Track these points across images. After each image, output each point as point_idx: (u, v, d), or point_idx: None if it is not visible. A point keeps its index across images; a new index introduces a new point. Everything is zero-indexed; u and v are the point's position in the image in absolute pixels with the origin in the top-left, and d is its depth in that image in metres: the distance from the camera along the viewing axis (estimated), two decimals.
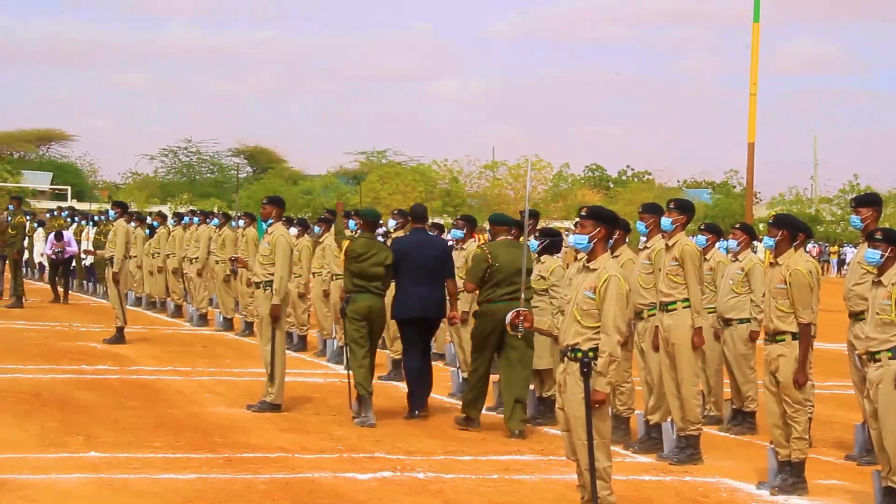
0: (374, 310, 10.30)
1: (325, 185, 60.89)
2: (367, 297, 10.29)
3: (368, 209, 11.30)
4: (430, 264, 10.49)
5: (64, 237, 21.65)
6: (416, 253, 10.45)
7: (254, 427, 9.76)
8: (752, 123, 28.09)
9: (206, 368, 13.24)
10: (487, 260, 9.89)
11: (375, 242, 10.51)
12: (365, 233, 10.59)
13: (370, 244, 10.41)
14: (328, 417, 10.38)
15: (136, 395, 11.16)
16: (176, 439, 9.06)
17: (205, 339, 16.19)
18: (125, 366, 13.19)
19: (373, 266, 10.31)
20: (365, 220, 10.74)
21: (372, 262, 10.31)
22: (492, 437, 9.74)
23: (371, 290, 10.32)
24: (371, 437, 9.50)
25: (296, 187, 58.64)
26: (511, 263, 9.78)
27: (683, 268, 8.89)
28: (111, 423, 9.59)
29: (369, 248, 10.38)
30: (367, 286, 10.30)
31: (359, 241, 10.48)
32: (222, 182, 67.51)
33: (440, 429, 10.03)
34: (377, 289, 10.36)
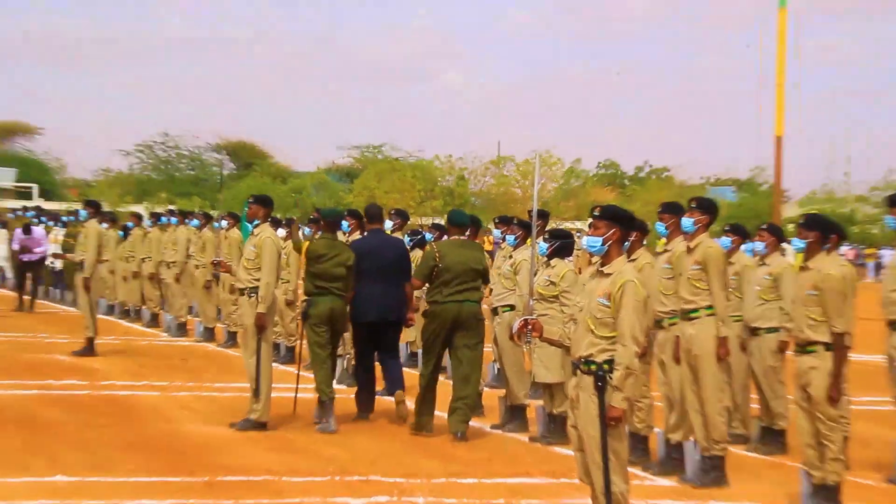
0: (335, 312, 10.87)
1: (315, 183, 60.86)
2: (328, 299, 10.84)
3: (329, 209, 11.94)
4: (388, 266, 11.07)
5: (34, 233, 21.57)
6: (374, 255, 11.04)
7: (237, 447, 9.73)
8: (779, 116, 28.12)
9: (184, 383, 13.21)
10: (435, 259, 10.44)
11: (337, 243, 11.11)
12: (325, 233, 11.14)
13: (331, 244, 11.00)
14: (318, 436, 10.35)
15: (107, 412, 11.12)
16: (150, 461, 9.02)
17: (183, 351, 16.16)
18: (95, 380, 13.16)
19: (334, 267, 10.87)
20: (325, 220, 11.28)
21: (333, 262, 10.88)
22: (497, 457, 9.70)
23: (333, 291, 10.88)
24: (365, 458, 9.46)
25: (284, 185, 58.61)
26: (460, 264, 10.40)
27: (707, 272, 8.86)
28: (79, 444, 9.55)
29: (330, 248, 10.96)
30: (328, 287, 10.86)
31: (319, 242, 11.04)
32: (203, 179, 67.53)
33: (441, 448, 10.00)
34: (339, 290, 10.90)
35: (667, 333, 9.23)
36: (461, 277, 10.36)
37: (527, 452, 9.97)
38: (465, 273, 10.36)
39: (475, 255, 10.59)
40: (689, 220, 9.04)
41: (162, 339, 17.54)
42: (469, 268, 10.41)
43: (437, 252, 10.49)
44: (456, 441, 10.21)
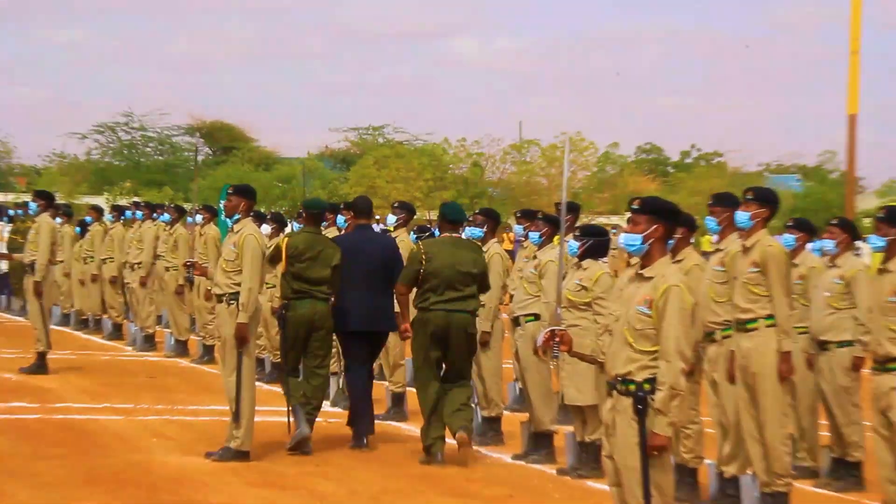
0: (317, 316, 11.04)
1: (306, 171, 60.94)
2: (308, 303, 11.03)
3: (312, 199, 12.15)
4: (376, 267, 11.17)
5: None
6: (360, 254, 11.11)
7: (214, 481, 9.76)
8: (853, 91, 28.04)
9: (152, 405, 13.26)
10: (421, 261, 10.55)
11: (320, 238, 11.27)
12: (308, 227, 11.30)
13: (314, 240, 11.15)
14: (310, 468, 10.39)
15: (62, 440, 11.17)
16: (113, 497, 9.06)
17: (151, 368, 16.21)
18: (48, 402, 13.22)
19: (318, 267, 11.03)
20: (308, 211, 11.38)
21: (317, 262, 11.04)
22: (520, 493, 9.72)
23: (315, 295, 11.05)
24: (366, 495, 9.48)
25: (269, 173, 58.70)
26: (450, 267, 10.50)
27: (766, 275, 8.86)
28: (29, 477, 9.59)
29: (313, 245, 11.10)
30: (309, 291, 11.04)
31: (300, 237, 11.20)
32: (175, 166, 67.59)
33: (453, 482, 10.02)
34: (322, 294, 11.07)
35: (719, 348, 9.24)
36: (451, 282, 10.49)
37: (554, 487, 9.97)
38: (457, 277, 10.47)
39: (470, 257, 10.66)
40: (744, 215, 9.04)
41: (126, 354, 17.61)
42: (461, 271, 10.49)
43: (424, 253, 10.57)
44: (465, 449, 10.36)
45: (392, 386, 13.00)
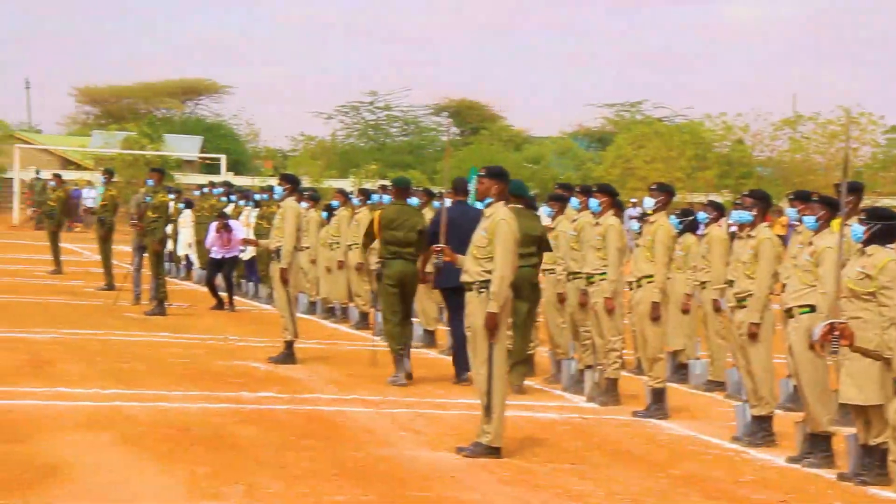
0: (406, 275, 14.28)
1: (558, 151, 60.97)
2: (399, 262, 14.31)
3: (400, 177, 15.87)
4: (467, 235, 12.05)
5: (233, 232, 22.22)
6: (455, 225, 12.69)
7: (465, 477, 9.87)
8: None
9: (400, 398, 13.49)
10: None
11: (407, 209, 14.71)
12: (396, 200, 14.86)
13: (401, 210, 14.57)
14: (565, 466, 10.42)
15: (311, 432, 11.47)
16: (363, 491, 9.26)
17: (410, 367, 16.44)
18: (296, 393, 13.59)
19: (406, 232, 14.34)
20: (396, 187, 15.08)
21: (405, 228, 14.34)
22: (793, 498, 9.58)
23: (404, 256, 14.32)
24: (625, 495, 9.45)
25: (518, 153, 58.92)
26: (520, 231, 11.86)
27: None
28: (278, 469, 9.88)
29: (400, 214, 14.49)
30: (400, 252, 14.32)
31: (390, 209, 14.67)
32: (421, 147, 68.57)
33: (720, 485, 9.90)
34: (410, 255, 14.31)
35: None
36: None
37: (834, 494, 9.79)
38: (523, 240, 12.17)
39: (530, 224, 13.74)
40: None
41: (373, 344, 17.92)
42: (528, 235, 13.20)
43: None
44: None
45: (651, 381, 12.90)
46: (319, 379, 14.62)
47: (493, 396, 10.63)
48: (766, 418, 11.62)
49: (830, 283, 9.93)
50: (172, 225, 25.58)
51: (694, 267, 15.13)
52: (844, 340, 6.75)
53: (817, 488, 9.98)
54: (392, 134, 70.34)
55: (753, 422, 11.61)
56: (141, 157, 52.43)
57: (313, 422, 11.94)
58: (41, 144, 64.17)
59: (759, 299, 11.57)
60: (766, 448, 11.38)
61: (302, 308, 20.39)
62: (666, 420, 12.66)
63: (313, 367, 15.48)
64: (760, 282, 11.54)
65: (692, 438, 11.91)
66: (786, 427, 11.52)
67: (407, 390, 13.96)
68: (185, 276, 28.11)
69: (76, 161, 59.92)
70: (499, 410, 10.65)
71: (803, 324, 10.79)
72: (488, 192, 10.98)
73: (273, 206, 20.87)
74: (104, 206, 24.71)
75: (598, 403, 13.41)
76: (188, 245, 27.47)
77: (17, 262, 31.49)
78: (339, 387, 14.09)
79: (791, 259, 11.42)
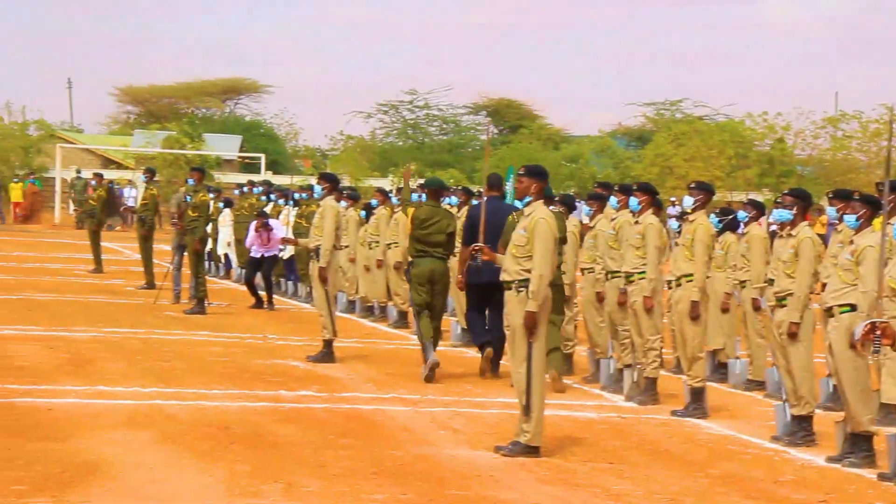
0: (435, 273, 14.72)
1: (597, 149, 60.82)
2: (428, 261, 14.72)
3: (433, 178, 16.47)
4: (498, 231, 13.23)
5: (272, 228, 22.31)
6: (490, 221, 12.82)
7: (504, 476, 9.87)
8: None
9: (439, 396, 13.51)
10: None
11: (439, 210, 15.05)
12: (429, 200, 15.20)
13: (434, 211, 14.93)
14: (603, 465, 10.40)
15: (349, 430, 11.50)
16: (401, 491, 9.27)
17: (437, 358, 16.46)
18: (335, 392, 13.62)
19: (436, 233, 14.77)
20: (429, 188, 15.48)
21: (435, 228, 14.77)
22: (833, 498, 9.53)
23: (433, 254, 14.74)
24: (664, 495, 9.43)
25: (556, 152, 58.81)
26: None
27: None
28: (317, 468, 9.91)
29: (433, 215, 14.85)
30: (428, 251, 14.72)
31: (423, 209, 15.03)
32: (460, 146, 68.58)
33: (759, 485, 9.87)
34: (439, 254, 14.79)
35: None
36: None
37: (875, 495, 9.74)
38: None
39: (561, 224, 13.70)
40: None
41: (412, 343, 17.95)
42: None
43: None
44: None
45: (690, 380, 12.86)
46: (358, 378, 14.65)
47: (532, 395, 10.63)
48: (806, 418, 11.57)
49: (872, 281, 9.88)
50: (212, 224, 25.68)
51: (734, 266, 15.07)
52: (886, 340, 6.71)
53: (857, 488, 9.94)
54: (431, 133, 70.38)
55: (793, 421, 11.56)
56: (181, 156, 52.70)
57: (352, 420, 11.97)
58: (83, 144, 64.59)
59: (800, 298, 11.52)
60: (805, 448, 11.33)
61: (341, 307, 20.43)
62: (705, 419, 12.62)
63: (352, 365, 15.51)
64: (800, 281, 11.49)
65: (731, 438, 11.87)
66: (826, 427, 11.46)
67: (445, 389, 13.97)
68: (225, 274, 28.21)
69: (117, 160, 60.28)
70: (538, 409, 10.64)
71: (844, 323, 10.72)
72: (527, 190, 10.98)
73: (312, 205, 20.90)
74: (145, 206, 24.82)
75: (637, 402, 13.38)
76: (227, 244, 27.57)
77: (59, 261, 31.71)
78: (378, 385, 14.12)
79: (831, 258, 11.37)
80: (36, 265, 29.96)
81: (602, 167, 57.74)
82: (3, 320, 18.43)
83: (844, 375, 10.75)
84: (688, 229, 13.17)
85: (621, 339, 14.09)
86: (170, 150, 53.50)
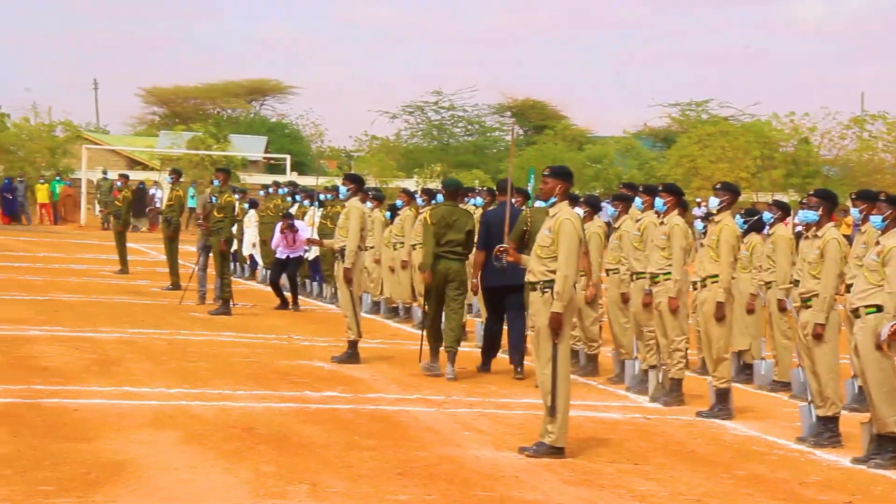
0: (450, 272, 14.89)
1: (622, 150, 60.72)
2: (444, 261, 14.86)
3: (450, 179, 16.31)
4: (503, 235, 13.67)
5: (297, 229, 22.34)
6: (501, 225, 13.23)
7: (528, 477, 9.88)
8: None
9: (464, 398, 13.52)
10: (526, 223, 14.10)
11: (456, 209, 15.20)
12: (447, 201, 15.42)
13: (452, 211, 15.06)
14: (628, 467, 10.40)
15: (375, 431, 11.52)
16: (426, 491, 9.29)
17: (465, 359, 16.49)
18: (360, 392, 13.65)
19: (454, 232, 14.94)
20: (446, 189, 15.63)
21: (452, 228, 14.93)
22: (859, 499, 9.49)
23: (448, 255, 14.91)
24: (689, 496, 9.42)
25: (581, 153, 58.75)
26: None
27: None
28: (342, 468, 9.93)
29: (450, 215, 15.00)
30: (445, 251, 14.88)
31: (440, 209, 15.20)
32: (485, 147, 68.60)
33: (785, 486, 9.85)
34: (455, 255, 14.96)
35: None
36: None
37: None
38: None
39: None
40: None
41: None
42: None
43: (529, 218, 14.08)
44: None
45: (715, 381, 12.84)
46: (383, 378, 14.68)
47: (557, 396, 10.63)
48: (831, 419, 11.54)
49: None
50: (238, 225, 25.74)
51: (759, 267, 15.04)
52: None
53: (883, 489, 9.92)
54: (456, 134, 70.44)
55: (819, 422, 11.54)
56: (207, 157, 52.83)
57: (377, 421, 11.99)
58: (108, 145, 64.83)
59: (825, 299, 11.49)
60: (831, 449, 11.30)
61: (366, 308, 20.47)
62: (730, 420, 12.60)
63: (377, 366, 15.54)
64: (826, 282, 11.46)
65: (757, 439, 11.85)
66: (851, 428, 11.44)
67: (470, 390, 13.99)
68: (250, 275, 28.27)
69: (143, 161, 60.48)
70: (563, 410, 10.64)
71: (870, 324, 10.70)
72: (552, 191, 10.98)
73: (338, 206, 20.94)
74: (170, 206, 24.90)
75: (662, 404, 13.37)
76: (253, 245, 27.62)
77: (85, 261, 31.83)
78: (403, 386, 14.14)
79: (854, 259, 11.33)
80: (62, 266, 30.08)
81: (627, 168, 57.65)
82: (30, 321, 18.51)
83: (870, 376, 10.72)
84: (713, 230, 13.14)
85: (646, 339, 14.08)
86: (195, 150, 53.65)
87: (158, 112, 78.95)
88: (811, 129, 52.31)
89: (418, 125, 70.70)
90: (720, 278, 12.87)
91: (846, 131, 52.40)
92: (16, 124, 55.43)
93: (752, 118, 59.34)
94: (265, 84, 79.14)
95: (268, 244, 25.31)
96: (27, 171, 51.88)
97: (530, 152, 57.64)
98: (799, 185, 48.62)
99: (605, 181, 53.91)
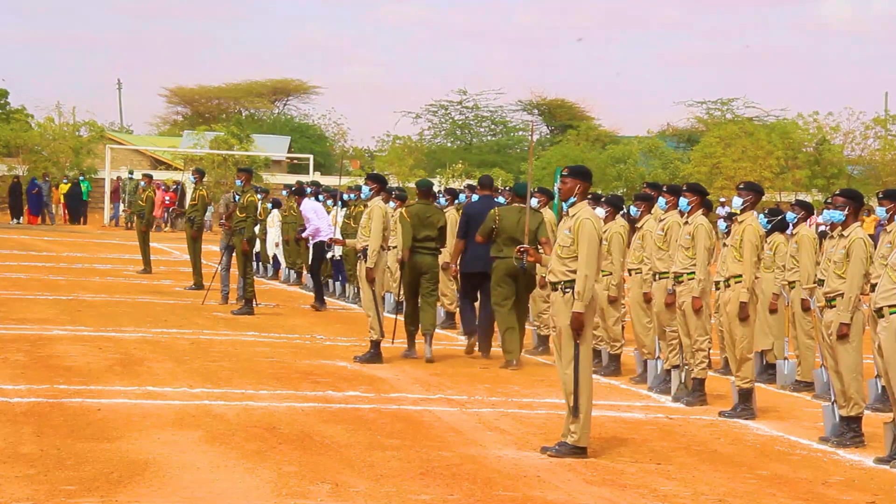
0: (425, 265, 16.21)
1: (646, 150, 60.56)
2: (419, 255, 16.16)
3: (423, 180, 17.70)
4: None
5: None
6: (480, 217, 15.83)
7: (551, 477, 9.88)
8: None
9: (486, 397, 13.52)
10: (495, 220, 15.70)
11: (430, 207, 16.51)
12: (420, 200, 16.53)
13: (426, 209, 16.35)
14: (650, 466, 10.39)
15: (397, 431, 11.53)
16: (449, 491, 9.30)
17: (484, 359, 16.50)
18: (382, 392, 13.66)
19: (427, 228, 16.17)
20: (420, 189, 16.76)
21: (425, 225, 16.16)
22: (882, 500, 9.46)
23: (421, 250, 16.19)
24: (711, 496, 9.41)
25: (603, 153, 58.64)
26: (516, 225, 15.39)
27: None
28: (365, 468, 9.95)
29: (425, 212, 16.27)
30: (419, 246, 16.15)
31: (415, 206, 16.41)
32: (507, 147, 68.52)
33: (807, 486, 9.83)
34: (426, 249, 16.23)
35: None
36: (515, 237, 15.21)
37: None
38: (519, 233, 14.96)
39: (536, 219, 15.37)
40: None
41: (458, 343, 18.00)
42: (523, 229, 13.74)
43: (498, 215, 15.68)
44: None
45: (739, 381, 12.81)
46: (405, 378, 14.69)
47: (579, 396, 10.63)
48: (854, 419, 11.51)
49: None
50: (260, 225, 25.80)
51: (782, 267, 15.00)
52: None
53: None
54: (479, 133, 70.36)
55: (842, 422, 11.51)
56: (230, 157, 52.93)
57: (399, 421, 12.00)
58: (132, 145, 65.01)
59: (850, 299, 11.46)
60: (854, 449, 11.28)
61: (388, 307, 20.46)
62: (753, 420, 12.59)
63: (399, 366, 15.56)
64: (851, 282, 11.43)
65: (780, 439, 11.83)
66: (875, 428, 11.41)
67: (492, 389, 13.99)
68: (273, 275, 28.32)
69: (166, 161, 60.64)
70: (585, 410, 10.64)
71: (893, 324, 10.63)
72: (571, 191, 10.97)
73: (360, 206, 20.96)
74: (193, 206, 24.98)
75: (685, 403, 13.35)
76: (276, 245, 27.69)
77: (108, 261, 31.95)
78: (425, 386, 14.15)
79: (879, 258, 11.30)
80: (85, 266, 30.19)
81: (650, 168, 57.52)
82: (53, 321, 18.59)
83: (893, 376, 10.67)
84: (736, 230, 13.12)
85: (669, 339, 14.06)
86: (218, 150, 53.76)
87: (182, 112, 79.18)
88: (834, 129, 52.14)
89: (441, 125, 70.65)
90: (743, 278, 12.85)
91: (868, 131, 52.25)
92: (40, 124, 55.68)
93: (777, 118, 59.14)
94: (288, 84, 79.25)
95: (291, 244, 25.38)
96: (51, 171, 52.09)
97: (552, 153, 57.56)
98: (822, 186, 48.47)
99: (627, 181, 53.78)
